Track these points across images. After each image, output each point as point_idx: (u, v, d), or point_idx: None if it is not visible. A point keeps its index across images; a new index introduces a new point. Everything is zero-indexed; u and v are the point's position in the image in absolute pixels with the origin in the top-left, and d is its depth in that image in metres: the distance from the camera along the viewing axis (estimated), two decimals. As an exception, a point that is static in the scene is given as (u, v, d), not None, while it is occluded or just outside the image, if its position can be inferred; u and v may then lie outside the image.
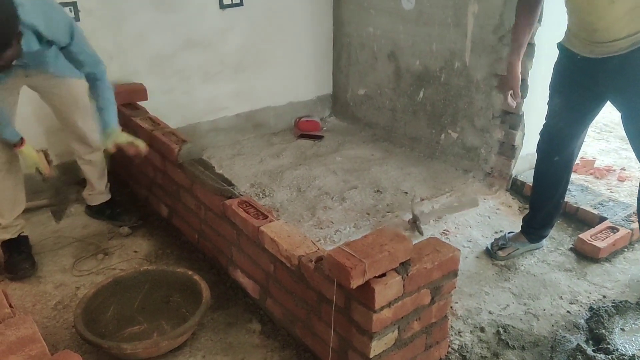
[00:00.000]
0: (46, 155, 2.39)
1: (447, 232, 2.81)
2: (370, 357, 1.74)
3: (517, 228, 2.86)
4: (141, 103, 3.14)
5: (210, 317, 2.21)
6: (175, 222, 2.81)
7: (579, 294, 2.39)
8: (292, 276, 1.98)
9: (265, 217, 2.13)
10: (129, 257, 2.60)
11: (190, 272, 2.22)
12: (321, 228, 2.86)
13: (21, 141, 2.30)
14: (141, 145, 2.40)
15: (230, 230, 2.29)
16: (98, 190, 2.83)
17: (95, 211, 2.89)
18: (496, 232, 2.84)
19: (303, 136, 3.95)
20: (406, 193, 3.18)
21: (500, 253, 2.62)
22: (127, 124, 2.84)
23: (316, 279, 1.84)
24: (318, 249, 1.93)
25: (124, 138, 2.36)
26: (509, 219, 2.96)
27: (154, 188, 2.92)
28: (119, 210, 2.87)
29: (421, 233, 2.72)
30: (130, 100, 3.05)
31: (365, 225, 2.85)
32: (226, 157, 3.66)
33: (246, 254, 2.23)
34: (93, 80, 2.31)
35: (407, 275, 1.71)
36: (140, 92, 3.12)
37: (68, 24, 2.12)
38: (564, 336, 2.13)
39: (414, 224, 2.79)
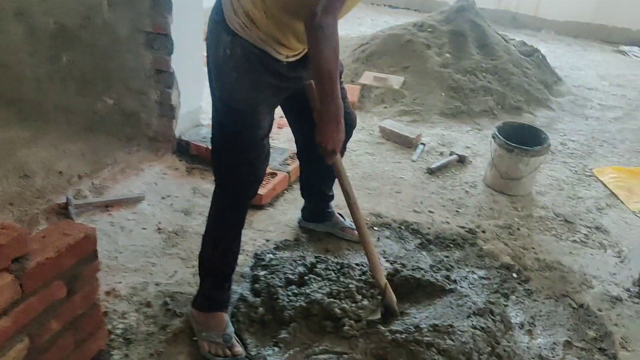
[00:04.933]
0: None
1: (110, 208, 2.57)
2: (-6, 379, 1.43)
3: (186, 190, 2.80)
4: None
5: None
6: None
7: (244, 243, 2.44)
8: None
9: None
10: None
11: None
12: (-51, 232, 2.30)
13: None
14: None
15: None
16: None
17: None
18: (163, 198, 2.71)
19: None
20: (61, 173, 2.80)
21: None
22: None
23: None
24: None
25: None
26: (177, 182, 2.87)
27: None
28: None
29: (72, 219, 2.41)
30: None
31: (7, 219, 2.41)
32: None
33: None
34: None
35: (24, 272, 1.43)
36: None
37: None
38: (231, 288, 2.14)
39: (67, 209, 2.46)
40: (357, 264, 2.23)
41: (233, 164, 1.86)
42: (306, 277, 2.11)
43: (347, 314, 1.92)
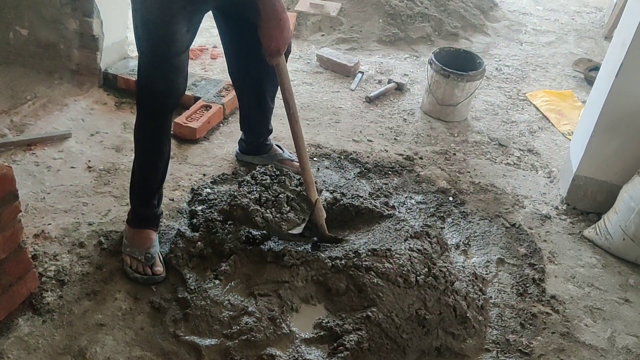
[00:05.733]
0: None
1: (33, 147, 2.42)
2: None
3: (116, 126, 2.66)
4: None
5: None
6: None
7: (180, 179, 2.37)
8: None
9: None
10: None
11: None
12: None
13: None
14: None
15: None
16: None
17: None
18: (92, 135, 2.57)
19: None
20: (-25, 111, 2.59)
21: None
22: None
23: None
24: None
25: None
26: (106, 117, 2.71)
27: None
28: None
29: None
30: None
31: None
32: None
33: None
34: None
35: None
36: None
37: None
38: (167, 225, 2.09)
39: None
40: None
41: (149, 79, 1.83)
42: (240, 180, 2.09)
43: (269, 223, 1.91)
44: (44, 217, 2.09)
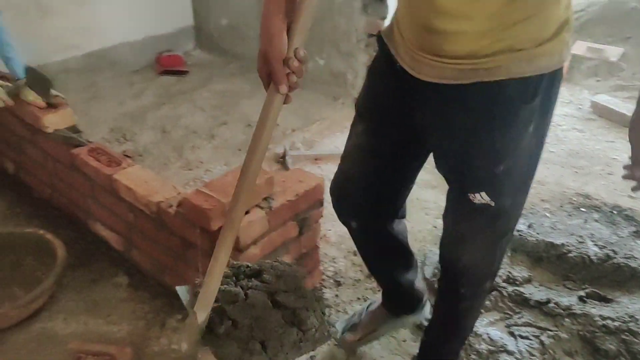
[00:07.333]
0: None
1: (319, 160, 2.80)
2: (242, 296, 1.69)
3: (387, 150, 2.92)
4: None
5: (71, 276, 2.04)
6: (25, 178, 2.52)
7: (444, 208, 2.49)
8: (154, 224, 1.85)
9: (119, 163, 1.96)
10: (-30, 222, 2.31)
11: (41, 232, 2.01)
12: (190, 169, 2.72)
13: None
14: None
15: (83, 182, 2.08)
16: None
17: None
18: (367, 157, 2.86)
19: (166, 72, 3.68)
20: (278, 125, 3.09)
21: (348, 336, 1.77)
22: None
23: (178, 224, 1.73)
24: (179, 193, 1.81)
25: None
26: (379, 142, 3.00)
27: (-6, 142, 2.58)
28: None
29: (287, 168, 2.67)
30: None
31: (237, 162, 2.75)
32: (81, 100, 3.32)
33: (103, 205, 2.05)
34: None
35: (271, 209, 1.65)
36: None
37: None
38: (431, 250, 2.23)
39: (284, 158, 2.73)
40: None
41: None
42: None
43: None
44: (326, 223, 2.39)
